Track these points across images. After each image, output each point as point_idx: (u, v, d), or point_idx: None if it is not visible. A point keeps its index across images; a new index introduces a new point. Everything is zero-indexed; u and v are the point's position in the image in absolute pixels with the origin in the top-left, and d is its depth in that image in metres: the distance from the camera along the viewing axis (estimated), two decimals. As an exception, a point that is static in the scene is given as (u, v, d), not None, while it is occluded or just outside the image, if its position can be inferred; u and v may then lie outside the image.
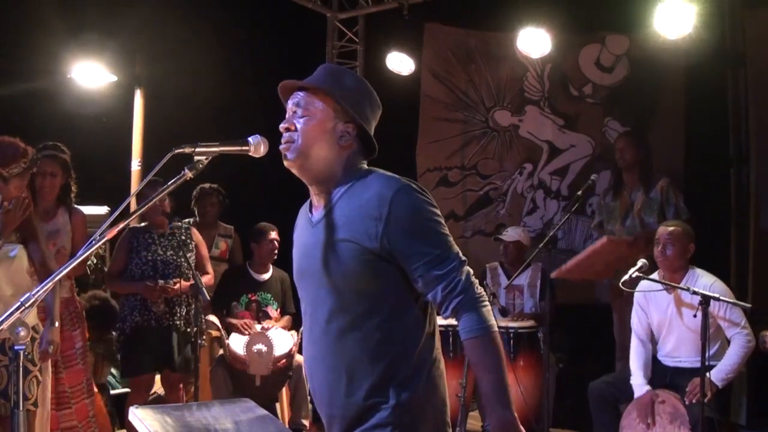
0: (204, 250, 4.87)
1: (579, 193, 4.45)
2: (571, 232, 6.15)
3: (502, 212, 6.54)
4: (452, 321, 5.23)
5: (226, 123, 6.91)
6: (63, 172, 4.20)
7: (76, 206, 4.37)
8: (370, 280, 1.91)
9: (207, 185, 5.78)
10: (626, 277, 3.85)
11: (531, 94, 6.37)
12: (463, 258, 1.93)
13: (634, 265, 4.06)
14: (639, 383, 4.14)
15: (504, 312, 5.22)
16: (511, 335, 4.91)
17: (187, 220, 5.72)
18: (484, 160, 6.54)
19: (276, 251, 5.27)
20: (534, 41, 5.62)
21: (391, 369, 1.93)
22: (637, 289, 4.12)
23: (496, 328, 1.91)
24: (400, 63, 6.34)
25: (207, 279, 4.69)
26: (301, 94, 2.02)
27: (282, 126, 2.01)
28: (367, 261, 1.90)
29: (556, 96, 6.32)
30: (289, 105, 2.04)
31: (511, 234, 5.41)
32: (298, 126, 1.99)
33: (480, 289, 1.92)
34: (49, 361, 3.66)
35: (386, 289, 1.93)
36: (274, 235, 5.23)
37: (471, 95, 6.49)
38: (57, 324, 3.58)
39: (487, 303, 1.92)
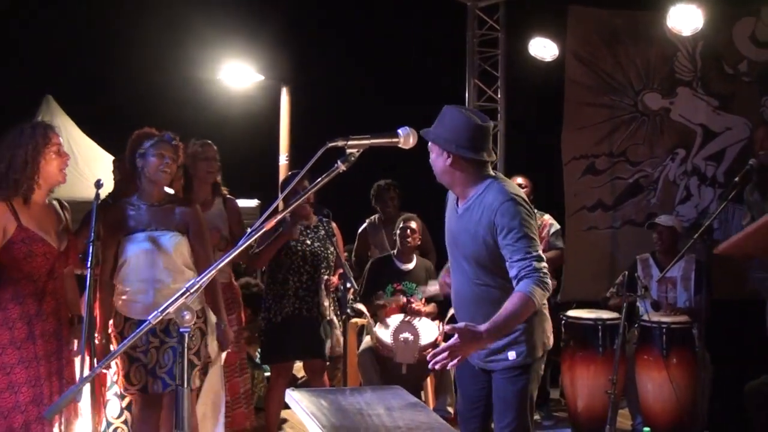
0: (341, 244, 4.93)
1: (736, 179, 4.18)
2: (728, 222, 5.76)
3: (653, 201, 6.23)
4: (602, 314, 5.05)
5: (369, 116, 7.03)
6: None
7: (228, 195, 4.56)
8: (488, 256, 2.87)
9: (382, 182, 5.93)
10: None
11: (682, 74, 6.05)
12: (540, 255, 2.77)
13: None
14: None
15: (656, 306, 5.02)
16: (664, 331, 4.70)
17: (373, 217, 5.97)
18: (634, 146, 6.24)
19: (419, 239, 5.32)
20: (685, 18, 5.37)
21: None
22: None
23: (537, 301, 2.70)
24: (543, 48, 6.23)
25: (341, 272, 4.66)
26: None
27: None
28: (488, 245, 2.84)
29: (710, 75, 5.96)
30: None
31: (665, 220, 5.20)
32: (431, 162, 2.95)
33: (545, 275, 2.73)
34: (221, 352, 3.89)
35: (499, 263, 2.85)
36: (414, 225, 5.28)
37: (618, 78, 6.21)
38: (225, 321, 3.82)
39: (544, 283, 2.73)
